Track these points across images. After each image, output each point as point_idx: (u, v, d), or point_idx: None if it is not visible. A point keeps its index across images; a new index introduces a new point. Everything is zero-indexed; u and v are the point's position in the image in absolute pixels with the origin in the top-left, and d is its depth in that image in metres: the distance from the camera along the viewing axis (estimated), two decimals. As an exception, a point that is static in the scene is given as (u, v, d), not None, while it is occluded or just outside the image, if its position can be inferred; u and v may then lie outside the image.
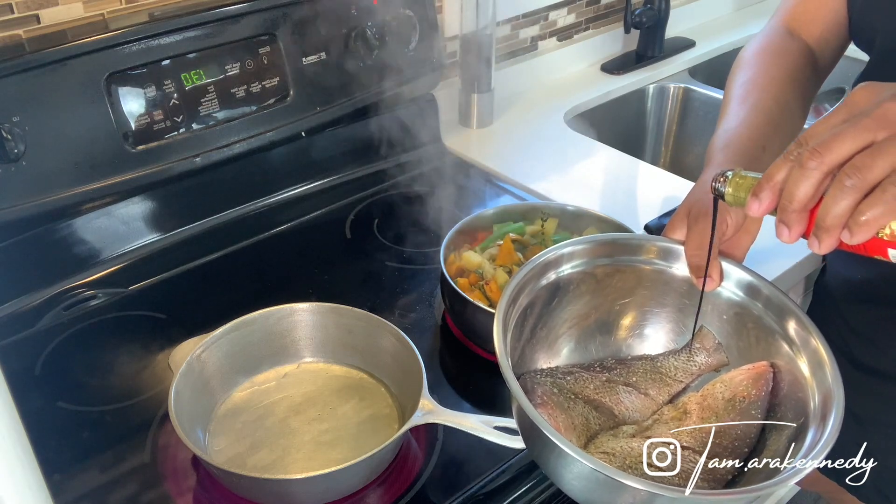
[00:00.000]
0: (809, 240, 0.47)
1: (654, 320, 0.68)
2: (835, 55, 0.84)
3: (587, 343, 0.68)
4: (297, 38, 1.00)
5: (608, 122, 1.42)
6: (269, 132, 1.01)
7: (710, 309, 0.65)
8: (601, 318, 0.68)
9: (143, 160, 0.91)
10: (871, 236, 0.45)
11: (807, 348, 0.58)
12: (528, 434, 0.57)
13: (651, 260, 0.66)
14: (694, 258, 0.61)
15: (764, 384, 0.60)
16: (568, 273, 0.65)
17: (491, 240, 0.89)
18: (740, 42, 1.61)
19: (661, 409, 0.63)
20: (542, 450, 0.54)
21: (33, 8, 0.86)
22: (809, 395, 0.57)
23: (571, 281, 0.65)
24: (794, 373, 0.59)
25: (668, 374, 0.65)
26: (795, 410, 0.57)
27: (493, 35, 1.21)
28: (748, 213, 0.50)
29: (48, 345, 0.84)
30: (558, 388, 0.62)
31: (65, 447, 0.73)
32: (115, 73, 0.87)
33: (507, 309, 0.59)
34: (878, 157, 0.44)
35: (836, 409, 0.53)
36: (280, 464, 0.70)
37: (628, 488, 0.48)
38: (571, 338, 0.67)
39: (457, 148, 1.23)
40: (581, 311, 0.67)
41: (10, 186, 0.82)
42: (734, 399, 0.60)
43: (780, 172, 0.48)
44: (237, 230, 1.03)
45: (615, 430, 0.61)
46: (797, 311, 0.60)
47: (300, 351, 0.80)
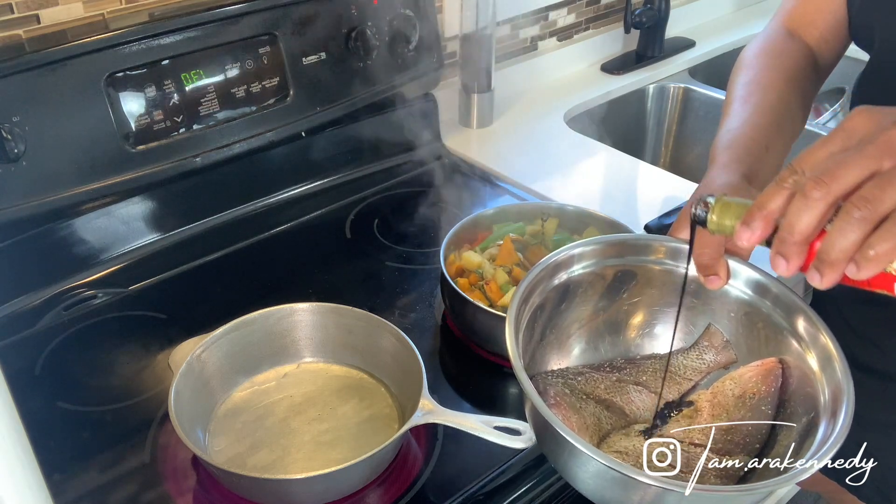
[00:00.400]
0: (809, 273, 0.45)
1: (664, 319, 0.68)
2: (835, 55, 0.84)
3: (597, 343, 0.68)
4: (297, 38, 1.00)
5: (608, 122, 1.42)
6: (269, 132, 1.01)
7: (720, 307, 0.65)
8: (611, 318, 0.68)
9: (143, 160, 0.91)
10: (879, 271, 0.43)
11: (816, 344, 0.58)
12: (542, 434, 0.57)
13: (660, 260, 0.66)
14: (700, 257, 0.61)
15: (773, 380, 0.60)
16: (578, 274, 0.65)
17: (491, 240, 0.89)
18: (740, 42, 1.62)
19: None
20: (556, 449, 0.55)
21: (33, 8, 0.86)
22: (819, 391, 0.57)
23: (581, 281, 0.65)
24: (803, 369, 0.59)
25: (677, 372, 0.65)
26: (805, 406, 0.58)
27: (493, 35, 1.21)
28: (737, 242, 0.48)
29: (48, 345, 0.84)
30: (570, 388, 0.62)
31: (65, 447, 0.73)
32: (115, 73, 0.87)
33: (519, 309, 0.59)
34: (888, 188, 0.42)
35: (847, 404, 0.53)
36: (280, 464, 0.70)
37: (640, 484, 0.49)
38: (582, 338, 0.67)
39: (457, 148, 1.22)
40: (591, 312, 0.67)
41: (10, 186, 0.82)
42: (744, 396, 0.60)
43: (775, 200, 0.46)
44: (237, 230, 1.03)
45: (627, 430, 0.61)
46: (806, 308, 0.60)
47: (300, 351, 0.80)
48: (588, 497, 0.55)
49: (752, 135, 0.70)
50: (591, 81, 1.46)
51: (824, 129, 1.36)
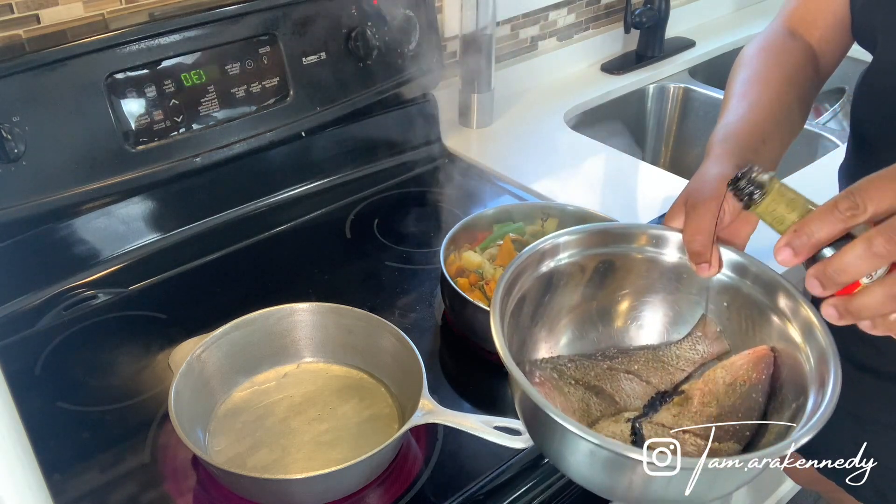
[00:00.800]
0: (824, 306, 0.46)
1: (650, 308, 0.68)
2: (837, 56, 0.84)
3: (587, 332, 0.68)
4: (297, 38, 1.00)
5: (608, 123, 1.42)
6: (269, 132, 1.01)
7: (701, 292, 0.66)
8: (599, 307, 0.68)
9: (143, 160, 0.91)
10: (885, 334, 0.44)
11: (797, 317, 0.59)
12: (529, 417, 0.57)
13: (643, 248, 0.66)
14: (691, 244, 0.61)
15: (765, 367, 0.60)
16: (564, 262, 0.65)
17: (491, 240, 0.89)
18: (740, 42, 1.62)
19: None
20: (542, 430, 0.55)
21: (33, 8, 0.86)
22: (804, 361, 0.57)
23: (566, 271, 0.66)
24: (793, 355, 0.59)
25: (670, 362, 0.65)
26: (796, 392, 0.58)
27: (493, 35, 1.21)
28: (775, 256, 0.48)
29: (48, 345, 0.84)
30: (558, 373, 0.62)
31: (65, 447, 0.73)
32: (115, 73, 0.87)
33: (504, 298, 0.59)
34: None
35: (834, 369, 0.53)
36: (280, 464, 0.70)
37: (628, 462, 0.49)
38: (570, 327, 0.68)
39: (457, 148, 1.22)
40: (578, 300, 0.67)
41: (10, 186, 0.82)
42: (735, 383, 0.60)
43: (825, 229, 0.46)
44: (237, 230, 1.03)
45: (616, 416, 0.61)
46: (785, 283, 0.60)
47: (300, 351, 0.80)
48: (578, 482, 0.55)
49: (748, 129, 0.70)
50: (591, 81, 1.46)
51: (825, 129, 1.37)
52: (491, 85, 1.25)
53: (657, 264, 0.66)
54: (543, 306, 0.65)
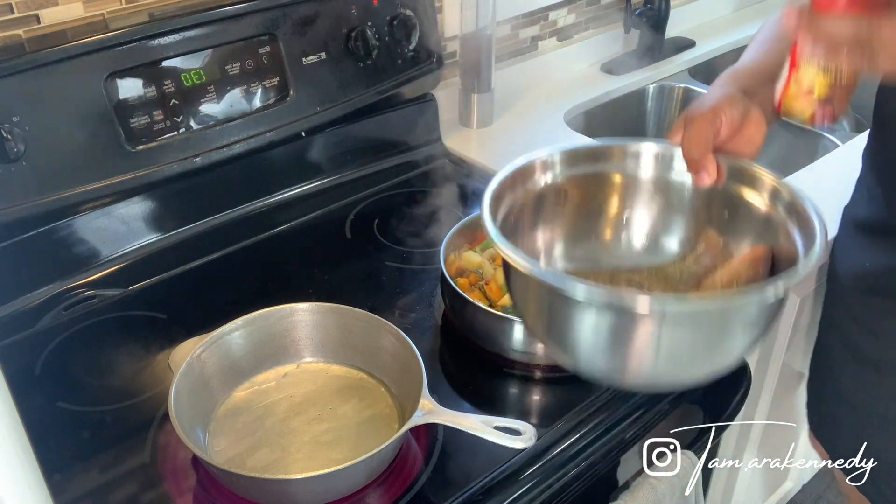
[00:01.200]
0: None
1: (640, 221, 0.69)
2: None
3: (580, 245, 0.69)
4: (297, 38, 1.00)
5: (608, 122, 1.42)
6: (269, 132, 1.01)
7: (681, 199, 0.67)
8: (591, 224, 0.69)
9: (143, 160, 0.91)
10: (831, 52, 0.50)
11: (778, 197, 0.61)
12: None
13: (622, 165, 0.67)
14: (689, 152, 0.61)
15: (762, 264, 0.61)
16: (554, 181, 0.67)
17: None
18: (740, 42, 1.62)
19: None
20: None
21: (33, 8, 0.86)
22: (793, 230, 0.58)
23: (552, 189, 0.67)
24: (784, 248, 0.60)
25: (674, 276, 0.66)
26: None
27: (493, 35, 1.21)
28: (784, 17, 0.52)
29: (48, 345, 0.84)
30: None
31: (65, 447, 0.73)
32: (115, 73, 0.87)
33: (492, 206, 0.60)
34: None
35: (819, 223, 0.55)
36: (280, 464, 0.70)
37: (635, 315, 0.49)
38: (562, 241, 0.69)
39: (457, 148, 1.22)
40: (569, 219, 0.68)
41: (10, 186, 0.82)
42: (731, 283, 0.61)
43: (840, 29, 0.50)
44: (237, 230, 1.03)
45: (596, 273, 0.63)
46: (758, 168, 0.62)
47: (300, 351, 0.80)
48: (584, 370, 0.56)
49: (757, 67, 0.70)
50: (591, 81, 1.46)
51: (825, 128, 1.36)
52: (491, 85, 1.25)
53: (639, 180, 0.67)
54: (534, 226, 0.66)
